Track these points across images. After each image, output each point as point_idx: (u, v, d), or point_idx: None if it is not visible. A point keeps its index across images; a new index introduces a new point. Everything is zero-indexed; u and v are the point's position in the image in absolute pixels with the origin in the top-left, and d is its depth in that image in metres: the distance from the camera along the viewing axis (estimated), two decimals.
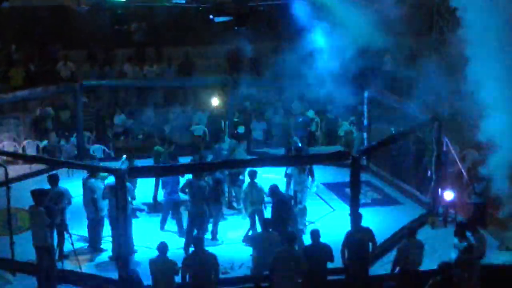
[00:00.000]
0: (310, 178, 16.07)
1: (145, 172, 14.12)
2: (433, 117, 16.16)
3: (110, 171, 12.89)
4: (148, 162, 17.26)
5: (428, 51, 19.98)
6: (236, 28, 19.42)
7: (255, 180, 15.03)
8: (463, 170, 16.97)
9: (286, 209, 14.07)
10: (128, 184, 12.88)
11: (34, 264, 13.00)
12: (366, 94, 19.11)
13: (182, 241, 14.75)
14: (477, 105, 14.54)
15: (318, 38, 18.41)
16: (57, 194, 13.74)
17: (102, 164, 16.74)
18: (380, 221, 15.86)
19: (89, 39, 25.07)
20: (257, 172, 15.10)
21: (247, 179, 15.41)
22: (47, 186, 13.95)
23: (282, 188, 15.70)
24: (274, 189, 14.31)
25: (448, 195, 16.08)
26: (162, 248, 11.76)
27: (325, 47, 18.22)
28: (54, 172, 13.85)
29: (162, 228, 15.50)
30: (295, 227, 14.27)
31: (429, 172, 16.97)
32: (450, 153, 17.19)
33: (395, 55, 22.03)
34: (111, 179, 13.42)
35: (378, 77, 18.90)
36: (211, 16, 19.45)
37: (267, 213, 14.55)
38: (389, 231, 14.94)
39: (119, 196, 12.58)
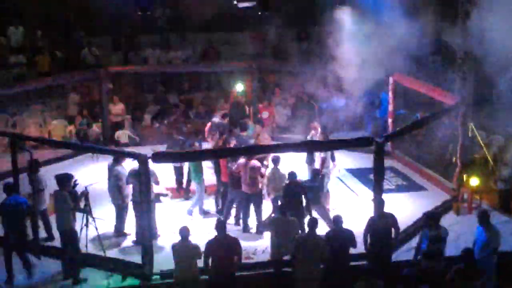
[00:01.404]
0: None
1: (169, 157, 14.18)
2: (459, 102, 16.03)
3: (133, 156, 12.94)
4: None
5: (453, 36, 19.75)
6: (260, 13, 19.37)
7: (278, 166, 15.02)
8: (488, 156, 16.83)
9: (298, 193, 14.01)
10: (151, 169, 12.93)
11: (58, 248, 13.12)
12: (391, 79, 18.99)
13: (206, 224, 14.81)
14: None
15: (343, 22, 18.32)
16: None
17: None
18: (404, 207, 15.82)
19: (113, 25, 25.10)
20: (280, 158, 15.08)
21: (271, 165, 15.41)
22: (72, 171, 14.06)
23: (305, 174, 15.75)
24: (290, 175, 14.30)
25: (473, 181, 15.99)
26: (184, 232, 11.78)
27: (351, 31, 18.10)
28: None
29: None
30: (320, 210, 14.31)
31: (454, 158, 16.86)
32: (475, 139, 17.07)
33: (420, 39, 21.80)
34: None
35: (405, 61, 18.70)
36: (235, 2, 19.40)
37: None
38: (413, 217, 14.88)
39: (142, 181, 12.67)
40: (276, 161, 15.04)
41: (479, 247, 12.05)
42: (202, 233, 13.75)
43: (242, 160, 14.88)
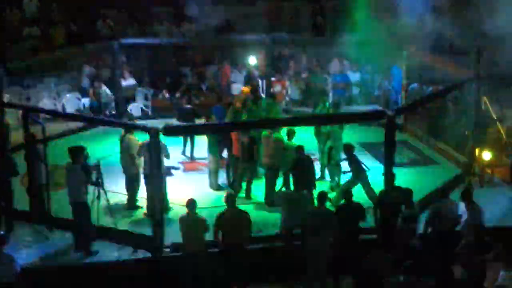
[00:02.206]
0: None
1: (180, 130, 14.19)
2: (472, 76, 15.89)
3: (144, 129, 12.96)
4: None
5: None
6: None
7: (291, 140, 15.00)
8: (501, 130, 16.71)
9: (305, 168, 14.00)
10: (161, 142, 12.95)
11: (70, 221, 13.23)
12: (404, 53, 18.86)
13: (215, 198, 14.87)
14: None
15: None
16: None
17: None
18: (416, 181, 15.75)
19: None
20: (294, 131, 15.04)
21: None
22: (84, 144, 14.11)
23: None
24: (299, 147, 14.27)
25: (486, 155, 15.91)
26: (191, 204, 11.84)
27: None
28: None
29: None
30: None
31: (466, 132, 16.77)
32: (489, 113, 16.95)
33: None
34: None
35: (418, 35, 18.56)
36: None
37: None
38: (425, 191, 14.82)
39: (153, 154, 12.69)
40: (289, 134, 15.00)
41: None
42: (214, 207, 13.83)
43: (265, 132, 14.88)
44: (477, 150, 16.09)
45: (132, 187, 14.71)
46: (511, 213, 14.39)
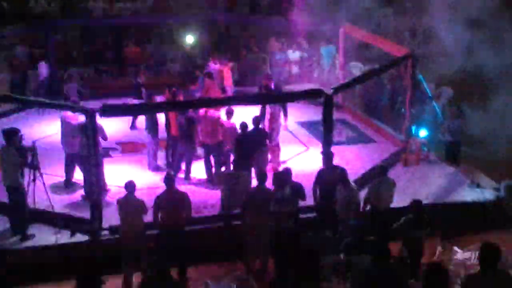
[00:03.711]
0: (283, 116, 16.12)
1: (118, 111, 13.99)
2: (407, 54, 16.10)
3: (80, 110, 12.77)
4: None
5: None
6: None
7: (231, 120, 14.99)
8: (437, 108, 17.01)
9: (251, 145, 14.01)
10: (98, 123, 12.79)
11: (6, 204, 12.98)
12: (341, 29, 18.96)
13: (154, 179, 14.82)
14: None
15: None
16: None
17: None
18: (354, 159, 15.99)
19: None
20: (233, 110, 15.01)
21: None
22: (19, 125, 13.83)
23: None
24: (242, 125, 14.27)
25: (422, 132, 16.20)
26: (129, 186, 11.73)
27: None
28: None
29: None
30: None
31: (403, 109, 17.02)
32: (424, 90, 17.22)
33: None
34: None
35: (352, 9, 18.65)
36: None
37: None
38: (363, 169, 15.03)
39: (89, 135, 12.51)
40: (230, 113, 14.97)
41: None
42: (153, 188, 13.76)
43: (201, 111, 14.85)
44: (413, 128, 16.37)
45: (70, 167, 14.50)
46: (447, 190, 14.67)
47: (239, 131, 14.27)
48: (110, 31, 24.08)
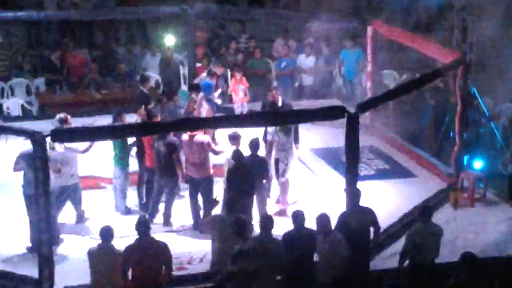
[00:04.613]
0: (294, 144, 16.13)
1: (74, 135, 13.96)
2: (458, 59, 16.08)
3: (25, 133, 12.78)
4: None
5: None
6: None
7: (239, 146, 14.98)
8: (496, 131, 17.05)
9: (248, 179, 14.07)
10: (51, 152, 12.81)
11: None
12: (369, 29, 19.05)
13: (123, 224, 14.82)
14: None
15: None
16: None
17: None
18: (386, 199, 15.98)
19: None
20: (239, 135, 15.01)
21: (224, 145, 15.47)
22: None
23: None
24: (234, 153, 14.35)
25: (477, 164, 16.19)
26: (106, 233, 11.75)
27: None
28: None
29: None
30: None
31: (451, 133, 17.04)
32: (480, 108, 17.26)
33: None
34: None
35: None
36: None
37: None
38: (397, 212, 15.04)
39: (38, 167, 12.49)
40: (234, 138, 14.98)
41: None
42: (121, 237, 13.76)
43: (185, 136, 14.87)
44: (464, 158, 16.38)
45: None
46: (510, 239, 14.62)
47: (231, 159, 14.30)
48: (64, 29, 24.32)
